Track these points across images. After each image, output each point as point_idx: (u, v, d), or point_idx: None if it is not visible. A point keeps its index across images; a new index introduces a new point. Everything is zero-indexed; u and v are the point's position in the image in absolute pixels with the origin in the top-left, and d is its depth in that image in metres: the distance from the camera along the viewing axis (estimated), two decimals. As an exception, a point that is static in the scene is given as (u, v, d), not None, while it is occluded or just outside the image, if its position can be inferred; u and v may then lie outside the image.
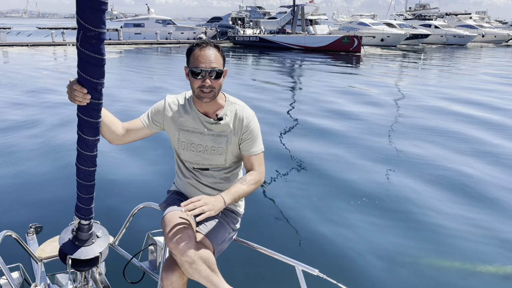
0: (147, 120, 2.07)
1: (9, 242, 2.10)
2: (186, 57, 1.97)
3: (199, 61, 1.89)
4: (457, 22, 53.26)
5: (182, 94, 2.11)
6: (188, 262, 1.78)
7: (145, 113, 2.09)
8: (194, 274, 1.81)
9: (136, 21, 42.00)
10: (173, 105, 2.07)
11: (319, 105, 10.96)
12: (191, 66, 1.91)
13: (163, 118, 2.07)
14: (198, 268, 1.80)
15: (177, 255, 1.80)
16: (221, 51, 1.96)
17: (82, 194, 1.70)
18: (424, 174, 5.78)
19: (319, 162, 6.24)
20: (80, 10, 1.34)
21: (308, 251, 3.79)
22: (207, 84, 1.89)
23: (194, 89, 1.94)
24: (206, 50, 1.90)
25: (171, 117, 2.06)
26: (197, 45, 1.93)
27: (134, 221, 2.51)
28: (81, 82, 1.50)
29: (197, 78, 1.90)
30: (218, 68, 1.90)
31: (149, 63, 22.84)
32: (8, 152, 6.40)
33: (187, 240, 1.79)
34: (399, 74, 19.37)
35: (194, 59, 1.91)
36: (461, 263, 3.66)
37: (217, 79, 1.91)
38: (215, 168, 2.09)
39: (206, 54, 1.89)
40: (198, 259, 1.79)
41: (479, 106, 11.04)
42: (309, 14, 44.96)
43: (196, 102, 2.03)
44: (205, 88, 1.89)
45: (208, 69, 1.88)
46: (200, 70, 1.88)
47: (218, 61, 1.91)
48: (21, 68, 18.43)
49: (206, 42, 1.94)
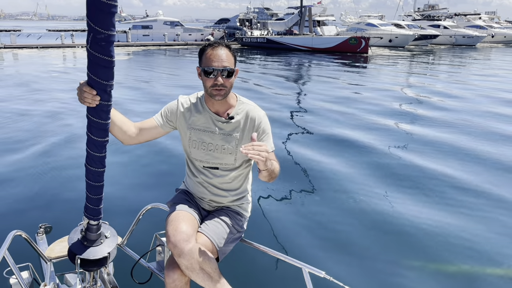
0: (161, 120, 2.10)
1: (19, 242, 2.13)
2: (199, 57, 2.02)
3: (211, 61, 1.93)
4: (466, 23, 52.76)
5: (194, 94, 2.15)
6: (185, 264, 1.79)
7: (158, 113, 2.13)
8: (192, 275, 1.82)
9: (144, 23, 42.22)
10: (186, 105, 2.11)
11: (327, 110, 10.92)
12: (204, 66, 1.96)
13: (175, 117, 2.10)
14: (196, 271, 1.80)
15: (175, 255, 1.81)
16: (232, 51, 2.01)
17: (91, 194, 1.72)
18: (419, 188, 5.74)
19: (326, 166, 6.22)
20: (90, 13, 1.36)
21: (315, 253, 3.78)
22: (219, 82, 1.93)
23: (206, 88, 1.99)
24: (218, 50, 1.95)
25: (183, 116, 2.09)
26: (209, 45, 1.98)
27: (142, 222, 2.53)
28: (91, 84, 1.52)
29: (209, 77, 1.94)
30: (229, 67, 1.94)
31: (157, 65, 22.93)
32: (17, 153, 6.47)
33: (186, 243, 1.80)
34: (407, 75, 19.24)
35: (206, 58, 1.95)
36: (470, 266, 3.63)
37: (229, 77, 1.96)
38: (225, 167, 2.10)
39: (218, 53, 1.94)
40: (196, 262, 1.80)
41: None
42: (317, 15, 44.84)
43: (208, 102, 2.07)
44: (217, 86, 1.94)
45: (220, 68, 1.92)
46: (212, 69, 1.93)
47: (230, 60, 1.96)
48: (31, 69, 18.63)
49: (218, 42, 2.00)
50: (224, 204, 2.19)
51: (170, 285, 1.86)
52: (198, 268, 1.80)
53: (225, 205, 2.19)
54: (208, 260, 1.84)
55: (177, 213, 1.98)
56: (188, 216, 1.99)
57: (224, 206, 2.19)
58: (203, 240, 1.94)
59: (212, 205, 2.20)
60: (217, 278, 1.85)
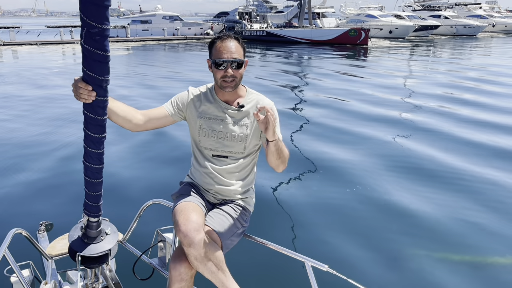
0: (172, 109, 2.12)
1: (20, 240, 2.12)
2: (209, 50, 2.06)
3: (221, 53, 1.96)
4: (467, 12, 52.39)
5: (204, 86, 2.18)
6: (194, 255, 1.79)
7: (168, 102, 2.15)
8: (200, 267, 1.81)
9: (143, 17, 42.04)
10: (196, 94, 2.15)
11: (333, 104, 10.89)
12: (214, 58, 1.99)
13: (185, 106, 2.13)
14: (204, 262, 1.80)
15: (185, 245, 1.80)
16: (241, 43, 2.04)
17: (90, 191, 1.70)
18: (425, 174, 5.72)
19: (328, 160, 6.21)
20: (83, 7, 1.33)
21: (317, 247, 3.77)
22: (229, 73, 1.96)
23: (217, 80, 2.02)
24: (227, 42, 1.98)
25: (193, 105, 2.13)
26: (219, 38, 2.02)
27: (143, 218, 2.52)
28: (86, 79, 1.48)
29: (220, 69, 1.97)
30: (239, 59, 1.98)
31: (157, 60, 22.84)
32: (19, 150, 6.46)
33: (197, 232, 1.81)
34: (407, 67, 19.15)
35: (216, 50, 1.98)
36: (471, 256, 3.62)
37: (238, 69, 1.99)
38: (233, 156, 2.12)
39: (228, 45, 1.97)
40: (205, 253, 1.80)
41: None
42: (316, 7, 44.61)
43: (218, 92, 2.11)
44: (227, 78, 1.97)
45: (229, 60, 1.96)
46: (222, 61, 1.96)
47: (239, 52, 1.99)
48: (31, 66, 18.59)
49: (227, 34, 2.03)
50: (229, 198, 2.18)
51: (176, 278, 1.85)
52: (206, 259, 1.80)
53: (230, 198, 2.18)
54: (216, 252, 1.84)
55: (186, 203, 1.98)
56: (197, 207, 1.99)
57: (229, 200, 2.18)
58: (209, 233, 1.93)
59: (217, 198, 2.19)
60: (223, 271, 1.85)
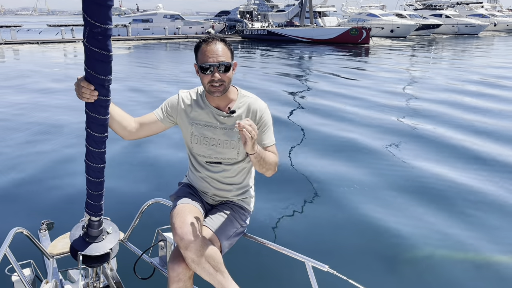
0: (162, 115, 2.07)
1: (21, 239, 2.12)
2: (194, 54, 1.97)
3: (206, 56, 1.89)
4: (469, 12, 52.29)
5: (195, 89, 2.11)
6: (191, 258, 1.79)
7: (158, 108, 2.10)
8: (197, 269, 1.81)
9: (145, 16, 42.02)
10: (186, 100, 2.07)
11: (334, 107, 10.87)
12: (200, 62, 1.92)
13: (176, 112, 2.07)
14: (202, 264, 1.80)
15: (182, 248, 1.80)
16: (228, 45, 1.96)
17: (91, 190, 1.70)
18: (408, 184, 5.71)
19: (329, 161, 6.21)
20: (86, 6, 1.33)
21: (318, 247, 3.77)
22: (216, 78, 1.88)
23: (204, 85, 1.95)
24: (213, 45, 1.90)
25: (184, 112, 2.06)
26: (204, 41, 1.93)
27: (144, 217, 2.52)
28: (88, 78, 1.49)
29: (206, 73, 1.89)
30: (226, 62, 1.90)
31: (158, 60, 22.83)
32: (20, 149, 6.47)
33: (194, 235, 1.79)
34: (410, 65, 19.12)
35: (201, 54, 1.91)
36: (474, 254, 3.62)
37: (226, 72, 1.91)
38: (227, 162, 2.08)
39: (213, 48, 1.89)
40: (202, 256, 1.79)
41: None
42: (318, 6, 44.52)
43: (208, 97, 2.03)
44: (215, 82, 1.89)
45: (216, 63, 1.88)
46: (208, 65, 1.88)
47: (226, 54, 1.91)
48: (33, 65, 18.60)
49: (212, 37, 1.94)
50: (228, 199, 2.17)
51: (174, 278, 1.85)
52: (204, 262, 1.80)
53: (229, 199, 2.17)
54: (214, 254, 1.83)
55: (183, 206, 1.96)
56: (194, 209, 1.98)
57: (228, 201, 2.18)
58: (207, 234, 1.93)
59: (215, 200, 2.18)
60: (222, 272, 1.85)
